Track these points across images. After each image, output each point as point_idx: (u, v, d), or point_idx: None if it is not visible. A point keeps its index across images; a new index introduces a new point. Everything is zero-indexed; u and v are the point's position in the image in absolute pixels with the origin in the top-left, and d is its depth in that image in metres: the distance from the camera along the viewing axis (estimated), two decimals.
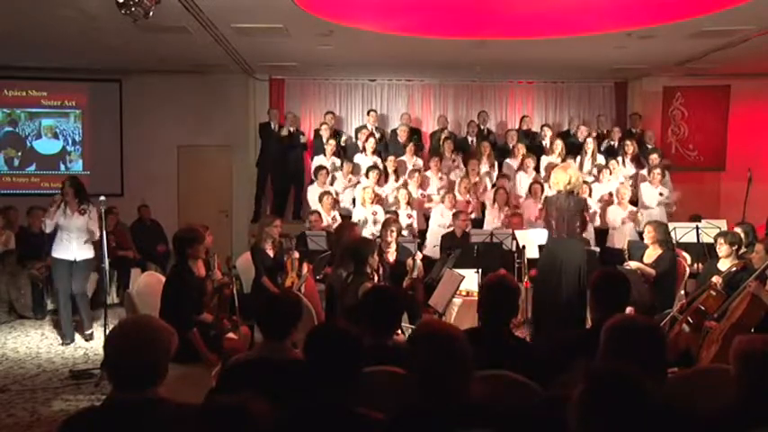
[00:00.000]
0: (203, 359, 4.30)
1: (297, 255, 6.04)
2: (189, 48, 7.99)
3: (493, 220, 7.97)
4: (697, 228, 6.82)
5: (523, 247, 6.47)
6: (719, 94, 10.16)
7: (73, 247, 6.28)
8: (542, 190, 7.88)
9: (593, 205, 8.22)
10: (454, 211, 7.61)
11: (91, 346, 6.37)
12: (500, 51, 8.22)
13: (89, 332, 6.60)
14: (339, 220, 7.78)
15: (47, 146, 10.31)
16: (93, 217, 6.25)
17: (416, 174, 8.53)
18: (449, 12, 6.78)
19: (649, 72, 10.00)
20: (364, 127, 9.89)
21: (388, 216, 7.02)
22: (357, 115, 10.69)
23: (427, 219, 8.29)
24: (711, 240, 6.17)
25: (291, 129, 9.66)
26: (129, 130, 10.23)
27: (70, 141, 10.34)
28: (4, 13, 6.54)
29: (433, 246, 7.66)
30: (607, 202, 8.28)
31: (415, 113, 10.70)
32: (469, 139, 9.86)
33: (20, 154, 10.25)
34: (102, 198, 5.94)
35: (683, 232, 6.83)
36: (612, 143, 9.51)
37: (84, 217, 6.23)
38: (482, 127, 9.99)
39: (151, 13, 5.19)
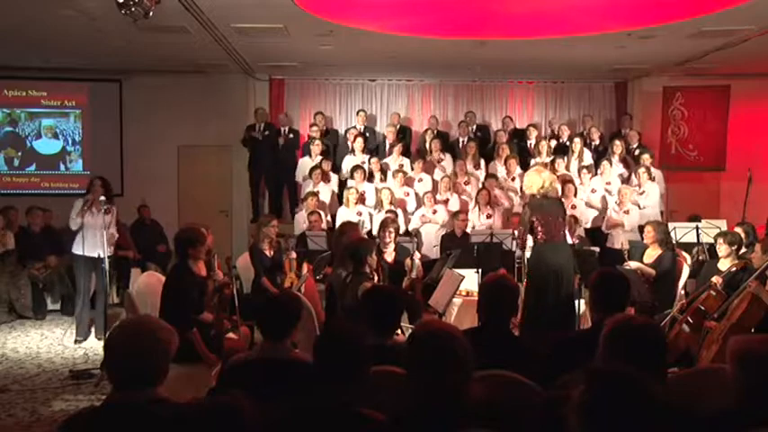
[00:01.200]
0: (203, 359, 4.30)
1: (294, 255, 6.04)
2: (189, 48, 7.98)
3: (478, 218, 7.95)
4: (697, 228, 6.83)
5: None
6: (719, 94, 10.13)
7: (98, 244, 6.24)
8: None
9: (585, 208, 8.22)
10: (433, 208, 7.78)
11: (91, 346, 6.37)
12: (500, 51, 8.21)
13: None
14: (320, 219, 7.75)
15: (47, 146, 10.29)
16: (114, 216, 6.31)
17: (399, 174, 8.53)
18: (449, 12, 6.78)
19: (649, 72, 9.99)
20: (353, 127, 9.89)
21: (386, 216, 7.02)
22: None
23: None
24: (711, 240, 6.17)
25: (285, 129, 9.68)
26: (129, 130, 10.22)
27: (70, 141, 10.33)
28: (5, 13, 6.54)
29: (432, 246, 7.66)
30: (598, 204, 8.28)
31: (414, 113, 10.68)
32: (460, 139, 9.81)
33: (20, 154, 10.23)
34: (102, 198, 6.01)
35: (683, 232, 6.84)
36: (594, 143, 9.52)
37: (108, 215, 6.19)
38: (469, 128, 9.93)
39: (151, 13, 5.18)
